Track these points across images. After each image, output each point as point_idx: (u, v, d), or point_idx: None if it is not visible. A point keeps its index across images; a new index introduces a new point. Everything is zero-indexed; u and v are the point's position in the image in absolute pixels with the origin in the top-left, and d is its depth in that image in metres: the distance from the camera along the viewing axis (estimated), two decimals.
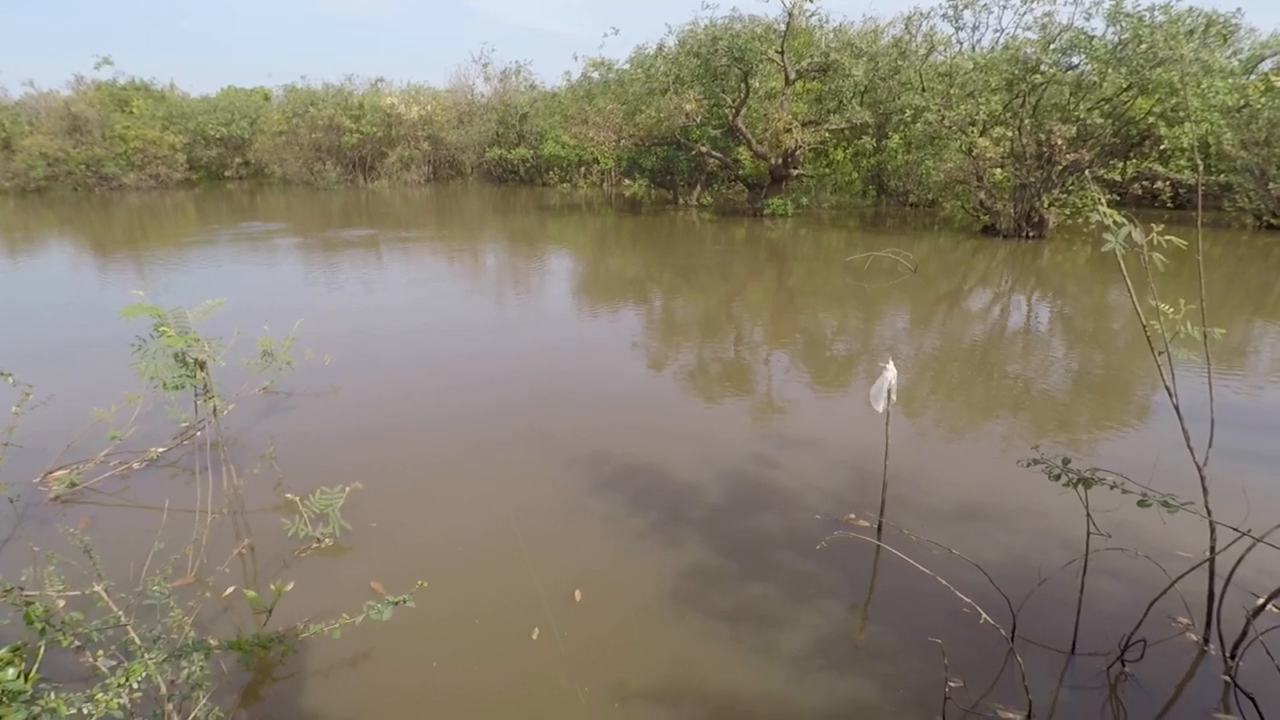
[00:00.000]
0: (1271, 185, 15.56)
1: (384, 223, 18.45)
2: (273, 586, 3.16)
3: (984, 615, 2.67)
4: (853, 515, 4.20)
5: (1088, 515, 2.89)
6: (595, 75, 22.84)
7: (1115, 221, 2.58)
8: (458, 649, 3.15)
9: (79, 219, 19.85)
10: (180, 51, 68.51)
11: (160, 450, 5.06)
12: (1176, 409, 2.78)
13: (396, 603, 2.68)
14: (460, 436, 5.44)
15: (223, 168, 32.69)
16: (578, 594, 3.51)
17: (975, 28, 18.69)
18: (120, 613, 2.49)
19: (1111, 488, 2.69)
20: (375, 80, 32.99)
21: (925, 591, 3.23)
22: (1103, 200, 2.86)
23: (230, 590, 3.53)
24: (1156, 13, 12.67)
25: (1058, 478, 2.78)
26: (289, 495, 4.26)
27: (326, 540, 3.90)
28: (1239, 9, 14.48)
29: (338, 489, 3.96)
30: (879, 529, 3.99)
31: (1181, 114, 12.62)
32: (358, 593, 3.50)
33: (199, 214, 20.95)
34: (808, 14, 17.67)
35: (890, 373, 3.72)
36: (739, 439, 5.40)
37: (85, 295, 10.58)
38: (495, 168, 30.64)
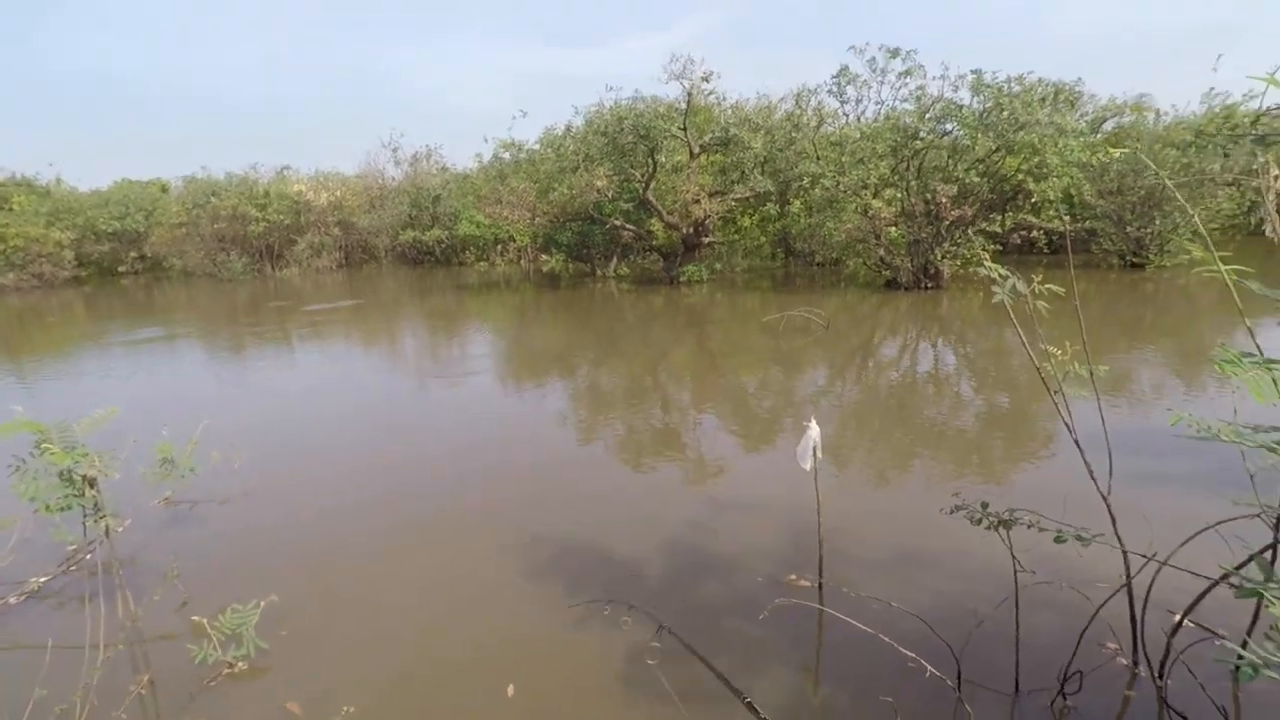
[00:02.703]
0: (1129, 228, 17.39)
1: (294, 312, 17.85)
2: None
3: (929, 669, 2.69)
4: (794, 575, 4.20)
5: (1012, 555, 3.00)
6: (506, 156, 23.32)
7: (1000, 275, 2.79)
8: None
9: None
10: (76, 140, 65.89)
11: (43, 580, 4.55)
12: (1077, 443, 2.95)
13: None
14: (383, 529, 5.16)
15: (116, 263, 31.15)
16: (510, 689, 3.33)
17: (858, 101, 20.35)
18: None
19: (1029, 527, 2.81)
20: (281, 168, 32.63)
21: (872, 647, 3.23)
22: (986, 257, 3.10)
23: None
24: (1013, 84, 14.23)
25: (979, 522, 2.88)
26: (195, 618, 3.89)
27: (239, 664, 3.57)
28: (1079, 78, 16.44)
29: (251, 605, 3.64)
30: (819, 590, 4.00)
31: (1044, 170, 14.07)
32: None
33: (89, 314, 19.72)
34: (705, 93, 18.76)
35: (813, 430, 3.81)
36: (675, 506, 5.36)
37: None
38: (410, 250, 30.43)
